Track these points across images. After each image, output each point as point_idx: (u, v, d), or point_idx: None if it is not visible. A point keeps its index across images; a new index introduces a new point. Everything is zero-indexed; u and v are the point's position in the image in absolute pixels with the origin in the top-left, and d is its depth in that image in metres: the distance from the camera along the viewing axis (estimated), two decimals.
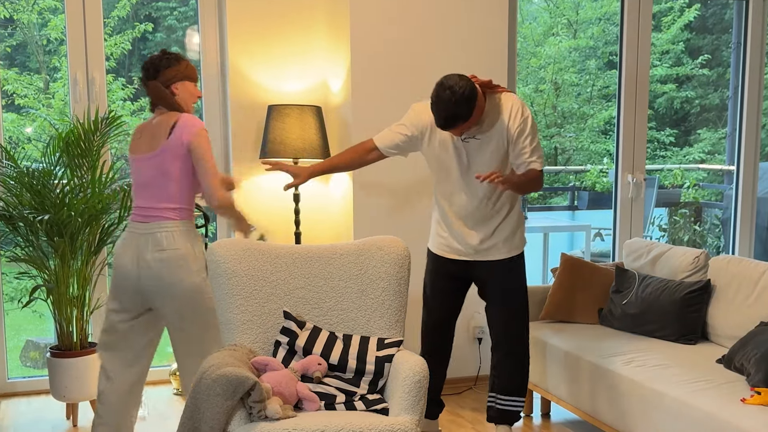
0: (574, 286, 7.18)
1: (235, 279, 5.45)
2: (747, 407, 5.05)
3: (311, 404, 5.05)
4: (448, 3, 7.78)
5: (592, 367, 6.24)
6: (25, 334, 10.49)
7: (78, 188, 6.97)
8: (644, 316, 6.71)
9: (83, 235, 6.94)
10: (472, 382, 8.21)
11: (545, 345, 6.84)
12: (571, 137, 15.83)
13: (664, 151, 14.83)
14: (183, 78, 5.61)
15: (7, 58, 10.78)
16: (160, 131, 5.48)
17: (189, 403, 4.92)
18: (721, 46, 14.52)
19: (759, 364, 5.42)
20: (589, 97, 15.77)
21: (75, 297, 7.01)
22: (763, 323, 5.92)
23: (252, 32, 7.87)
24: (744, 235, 9.35)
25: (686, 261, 6.85)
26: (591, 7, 15.49)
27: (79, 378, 6.96)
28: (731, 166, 9.38)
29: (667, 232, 12.76)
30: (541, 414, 7.33)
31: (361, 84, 7.67)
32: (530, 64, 15.62)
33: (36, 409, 7.48)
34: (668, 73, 14.85)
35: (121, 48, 11.43)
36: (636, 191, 8.92)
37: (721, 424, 5.00)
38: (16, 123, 10.37)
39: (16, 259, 7.03)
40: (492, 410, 6.50)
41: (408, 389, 4.96)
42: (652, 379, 5.70)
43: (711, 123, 14.65)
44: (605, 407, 6.10)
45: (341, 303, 5.63)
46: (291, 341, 5.38)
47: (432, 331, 6.69)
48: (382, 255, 5.69)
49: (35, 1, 10.95)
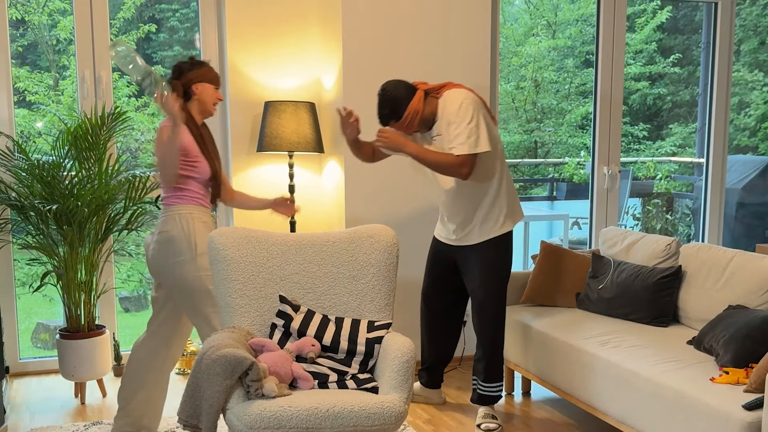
0: (553, 272, 7.18)
1: (233, 265, 5.46)
2: (716, 386, 5.06)
3: (305, 383, 5.05)
4: (434, 6, 7.78)
5: (570, 348, 6.24)
6: (35, 317, 10.47)
7: (85, 179, 6.97)
8: (619, 300, 6.71)
9: (90, 224, 6.95)
10: (457, 362, 8.21)
11: (526, 327, 6.84)
12: (550, 132, 15.82)
13: (638, 145, 14.83)
14: (203, 80, 5.82)
15: (19, 57, 10.76)
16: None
17: (190, 382, 4.93)
18: (692, 46, 14.52)
19: (727, 346, 5.43)
20: (567, 94, 15.77)
21: (83, 282, 7.02)
22: (731, 307, 5.92)
23: (250, 33, 7.87)
24: (713, 223, 9.36)
25: (659, 248, 6.86)
26: (569, 9, 15.48)
27: (87, 358, 6.96)
28: (701, 158, 9.39)
29: (640, 221, 12.77)
30: (521, 392, 7.34)
31: (352, 81, 7.68)
32: (512, 62, 15.61)
33: (46, 387, 7.48)
34: (642, 71, 14.85)
35: None
36: (611, 182, 8.92)
37: (692, 402, 5.01)
38: (27, 118, 10.35)
39: (28, 247, 7.02)
40: (475, 393, 6.62)
41: (396, 369, 4.98)
42: (626, 359, 5.70)
43: (682, 118, 14.65)
44: (582, 386, 6.10)
45: (334, 288, 5.63)
46: (286, 324, 5.39)
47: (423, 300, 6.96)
48: (372, 242, 5.70)
49: (45, 3, 10.93)
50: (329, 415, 4.71)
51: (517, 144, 15.63)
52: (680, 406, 5.10)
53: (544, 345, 6.59)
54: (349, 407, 4.74)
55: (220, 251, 5.45)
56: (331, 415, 4.71)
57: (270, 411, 4.65)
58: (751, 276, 6.03)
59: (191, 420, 4.94)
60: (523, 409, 6.95)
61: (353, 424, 4.75)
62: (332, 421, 4.71)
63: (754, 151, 12.62)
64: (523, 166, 15.66)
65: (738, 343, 5.37)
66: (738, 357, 5.32)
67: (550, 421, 6.70)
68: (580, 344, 6.17)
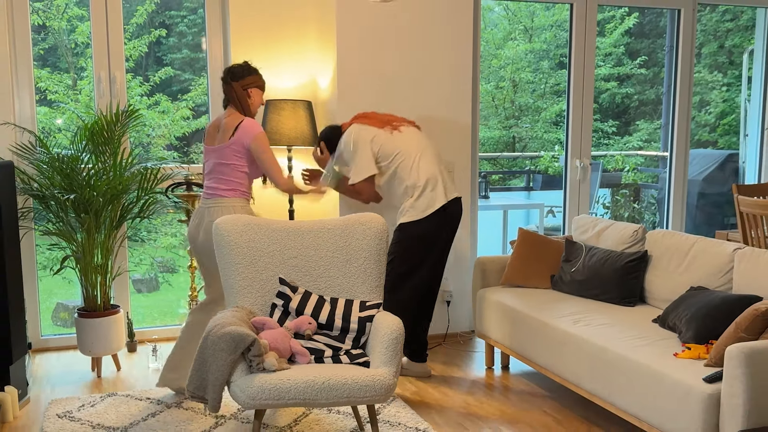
0: (530, 256, 7.18)
1: (237, 250, 5.46)
2: (679, 360, 5.05)
3: (303, 358, 5.05)
4: (421, 13, 7.77)
5: (545, 326, 6.24)
6: (55, 297, 10.46)
7: (101, 171, 6.96)
8: (590, 282, 6.71)
9: (106, 212, 6.94)
10: (442, 338, 8.21)
11: (505, 307, 6.83)
12: (527, 128, 15.81)
13: (607, 140, 14.83)
14: (257, 86, 6.24)
15: (41, 59, 10.73)
16: (226, 129, 6.04)
17: (197, 357, 4.93)
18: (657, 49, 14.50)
19: (689, 324, 5.43)
20: (543, 93, 15.76)
21: (99, 265, 7.01)
22: (692, 288, 5.92)
23: (252, 37, 7.86)
24: (676, 212, 9.36)
25: (626, 234, 6.86)
26: (544, 15, 15.46)
27: (103, 335, 6.96)
28: (665, 152, 9.39)
29: (609, 209, 12.77)
30: (501, 367, 7.33)
31: (345, 82, 7.67)
32: (492, 64, 15.59)
33: (65, 362, 7.46)
34: (611, 73, 14.84)
35: (139, 51, 11.39)
36: (583, 174, 8.91)
37: (657, 375, 5.00)
38: (48, 115, 10.33)
39: (48, 233, 7.02)
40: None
41: (386, 345, 4.99)
42: (596, 336, 5.69)
43: (647, 115, 14.64)
44: (556, 360, 6.10)
45: (329, 271, 5.63)
46: (285, 303, 5.39)
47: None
48: (364, 229, 5.70)
49: (65, 10, 10.90)
50: (325, 387, 4.72)
51: (496, 139, 15.62)
52: (646, 379, 5.10)
53: (521, 323, 6.58)
54: (342, 380, 4.75)
55: (225, 237, 5.47)
56: (327, 388, 4.72)
57: (270, 384, 4.67)
58: (711, 260, 6.03)
59: (198, 392, 4.95)
60: (502, 382, 6.95)
61: (347, 396, 4.76)
62: (327, 393, 4.73)
63: (714, 145, 12.63)
64: (503, 159, 15.66)
65: (699, 321, 5.37)
66: (699, 334, 5.32)
67: (527, 393, 6.70)
68: (554, 322, 6.16)
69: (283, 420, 5.96)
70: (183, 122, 11.37)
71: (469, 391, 6.72)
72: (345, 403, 4.79)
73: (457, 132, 8.07)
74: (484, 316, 7.19)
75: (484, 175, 11.42)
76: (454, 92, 8.02)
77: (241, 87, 6.12)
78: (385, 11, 7.69)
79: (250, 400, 4.68)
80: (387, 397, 4.83)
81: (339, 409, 6.18)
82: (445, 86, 7.99)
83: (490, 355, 7.35)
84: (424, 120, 7.86)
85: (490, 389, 6.78)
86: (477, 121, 8.27)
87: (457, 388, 6.79)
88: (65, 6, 11.02)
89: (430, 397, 6.56)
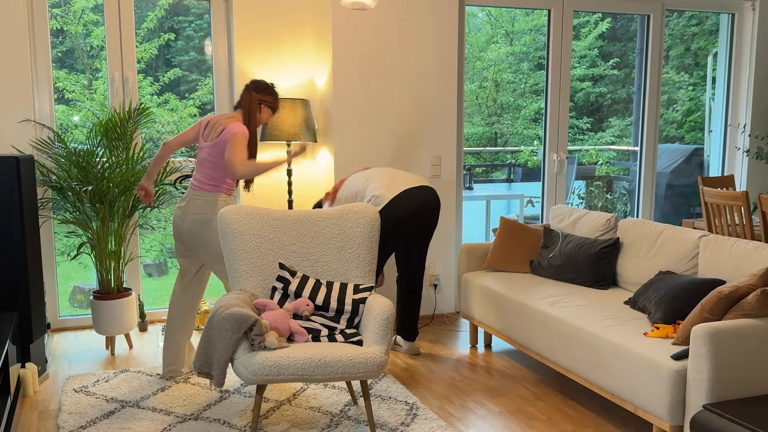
0: (511, 243, 7.17)
1: (240, 237, 5.45)
2: (648, 340, 5.05)
3: (301, 337, 5.05)
4: (410, 18, 7.76)
5: (525, 308, 6.23)
6: (72, 281, 10.44)
7: (115, 165, 6.95)
8: (566, 267, 6.71)
9: (119, 202, 6.93)
10: (429, 319, 8.20)
11: (487, 290, 6.83)
12: (508, 124, 15.81)
13: (582, 135, 14.83)
14: (270, 106, 6.21)
15: (59, 61, 10.70)
16: (217, 129, 5.93)
17: (204, 336, 4.93)
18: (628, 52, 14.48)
19: (658, 305, 5.43)
20: (522, 92, 15.76)
21: (112, 251, 7.00)
22: (661, 272, 5.92)
23: (254, 41, 7.84)
24: (646, 202, 9.35)
25: (600, 223, 6.85)
26: (524, 20, 15.44)
27: (116, 316, 6.95)
28: (636, 147, 9.38)
29: (584, 200, 12.77)
30: (484, 345, 7.32)
31: (340, 82, 7.65)
32: (476, 65, 15.57)
33: (81, 341, 7.45)
34: (585, 73, 14.83)
35: (149, 53, 11.36)
36: (559, 167, 8.91)
37: (628, 354, 5.00)
38: (65, 113, 10.29)
39: (66, 221, 7.01)
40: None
41: (378, 325, 4.99)
42: (572, 317, 5.69)
43: (619, 113, 14.63)
44: (535, 339, 6.10)
45: (325, 256, 5.62)
46: (285, 287, 5.39)
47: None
48: (357, 219, 5.69)
49: (81, 15, 10.87)
50: (321, 364, 4.72)
51: (480, 134, 15.62)
52: (618, 357, 5.10)
53: (503, 305, 6.57)
54: (338, 357, 4.76)
55: (229, 225, 5.47)
56: (323, 364, 4.72)
57: (271, 360, 4.67)
58: (678, 246, 6.03)
59: (204, 368, 4.96)
60: (485, 359, 6.94)
61: (341, 372, 4.75)
62: (323, 369, 4.72)
63: (681, 140, 12.62)
64: (485, 153, 15.66)
65: (667, 303, 5.37)
66: (667, 315, 5.32)
67: (508, 369, 6.70)
68: (533, 304, 6.16)
69: (282, 394, 5.97)
70: (190, 119, 11.35)
71: (454, 368, 6.71)
72: (340, 378, 4.79)
73: (443, 128, 8.06)
74: (469, 299, 7.18)
75: (468, 168, 11.42)
76: (440, 91, 8.01)
77: (258, 100, 6.09)
78: (377, 17, 7.69)
79: (252, 376, 4.67)
80: (378, 373, 4.83)
81: (334, 385, 6.18)
82: (433, 86, 7.98)
83: (473, 335, 7.34)
84: (413, 117, 7.87)
85: (474, 366, 6.77)
86: (462, 118, 8.26)
87: (443, 364, 6.78)
88: (81, 12, 10.99)
89: (419, 373, 6.56)
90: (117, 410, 5.64)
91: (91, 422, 5.41)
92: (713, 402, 4.50)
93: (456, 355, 7.08)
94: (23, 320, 6.15)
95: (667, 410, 4.72)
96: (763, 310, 4.75)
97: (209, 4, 7.94)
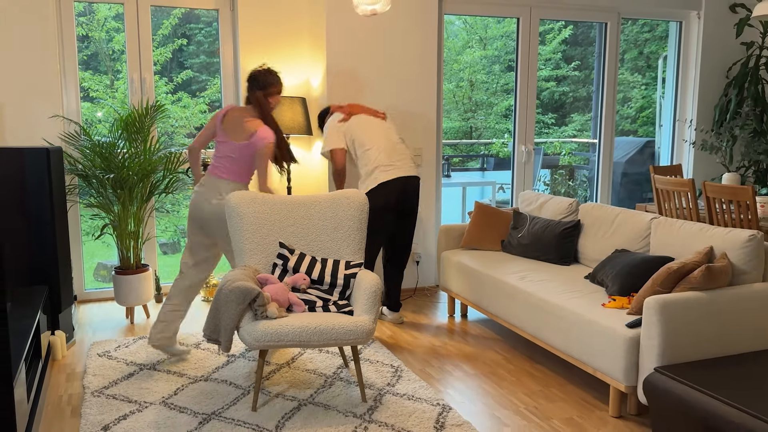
0: (484, 225, 7.16)
1: (245, 219, 5.44)
2: (606, 310, 5.05)
3: (299, 307, 5.04)
4: (396, 26, 7.75)
5: (497, 282, 6.23)
6: (96, 258, 10.40)
7: (134, 155, 6.93)
8: (533, 246, 6.70)
9: (138, 189, 6.91)
10: (412, 292, 8.20)
11: (463, 266, 6.82)
12: (481, 119, 15.77)
13: (548, 129, 14.80)
14: (277, 93, 5.83)
15: (84, 64, 10.66)
16: (245, 131, 5.63)
17: (212, 307, 4.93)
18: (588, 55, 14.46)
19: (614, 280, 5.43)
20: (494, 91, 15.72)
21: (132, 232, 6.98)
22: (617, 251, 5.92)
23: (256, 45, 7.82)
24: (604, 188, 9.35)
25: (563, 207, 6.85)
26: (496, 27, 15.40)
27: (135, 289, 6.94)
28: (594, 139, 9.37)
29: (549, 186, 12.75)
30: (460, 315, 7.32)
31: (333, 82, 7.64)
32: (453, 67, 15.53)
33: (104, 311, 7.43)
34: (550, 74, 14.80)
35: (164, 56, 11.33)
36: (527, 157, 8.89)
37: (588, 322, 5.00)
38: (90, 109, 10.26)
39: (91, 205, 6.99)
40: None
41: (367, 297, 4.99)
42: (538, 290, 5.69)
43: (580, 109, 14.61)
44: (505, 309, 6.09)
45: (320, 236, 5.61)
46: (284, 263, 5.37)
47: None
48: (349, 203, 5.67)
49: (104, 23, 10.86)
50: (316, 331, 4.72)
51: (456, 128, 15.59)
52: (579, 325, 5.10)
53: (477, 279, 6.57)
54: (331, 326, 4.76)
55: (235, 208, 5.46)
56: (318, 332, 4.72)
57: (272, 328, 4.67)
58: (632, 227, 6.02)
59: (213, 335, 4.98)
60: (461, 327, 6.94)
61: (334, 338, 4.75)
62: (318, 336, 4.72)
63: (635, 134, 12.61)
64: (462, 145, 15.62)
65: (622, 277, 5.37)
66: (622, 288, 5.32)
67: (482, 336, 6.69)
68: (504, 278, 6.15)
69: (282, 358, 5.97)
70: (200, 115, 11.34)
71: (434, 335, 6.70)
72: (333, 344, 4.78)
73: (424, 123, 8.04)
74: (447, 274, 7.17)
75: (446, 158, 11.42)
76: (422, 90, 7.99)
77: (264, 96, 5.75)
78: (367, 24, 7.67)
79: (255, 342, 4.67)
80: (367, 339, 4.83)
81: (328, 350, 6.17)
82: (415, 85, 7.96)
83: (451, 306, 7.34)
84: (398, 113, 7.87)
85: (452, 333, 6.77)
86: (441, 114, 8.24)
87: (424, 332, 6.78)
88: (104, 20, 10.96)
89: (403, 339, 6.55)
90: (136, 372, 5.63)
91: (113, 383, 5.41)
92: (663, 365, 4.50)
93: (436, 323, 7.07)
94: (53, 293, 6.14)
95: (623, 372, 4.72)
96: (708, 283, 4.75)
97: (218, 13, 7.92)
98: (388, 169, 6.63)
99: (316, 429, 4.64)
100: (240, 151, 5.66)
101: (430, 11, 7.92)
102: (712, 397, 3.88)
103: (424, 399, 5.13)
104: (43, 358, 5.52)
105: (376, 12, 6.39)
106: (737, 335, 4.77)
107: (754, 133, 8.95)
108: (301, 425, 4.70)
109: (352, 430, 4.63)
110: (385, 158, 6.66)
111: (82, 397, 5.17)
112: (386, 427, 4.67)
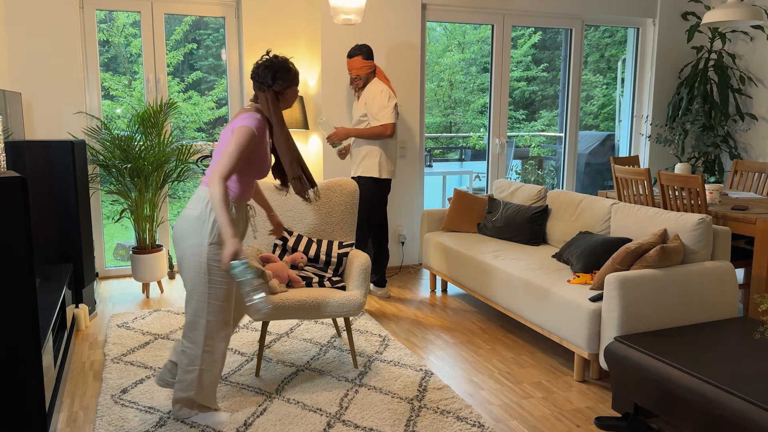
0: (462, 209, 7.15)
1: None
2: (571, 285, 5.05)
3: (297, 283, 5.02)
4: (383, 31, 7.72)
5: (473, 260, 6.22)
6: (116, 239, 10.37)
7: (149, 147, 6.90)
8: (506, 228, 6.69)
9: (153, 177, 6.90)
10: (398, 269, 8.19)
11: (444, 246, 6.81)
12: (460, 115, 15.77)
13: (519, 124, 14.79)
14: (291, 85, 4.02)
15: (105, 66, 10.61)
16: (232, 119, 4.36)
17: None
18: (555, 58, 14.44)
19: (578, 258, 5.43)
20: (471, 90, 15.70)
21: (147, 216, 6.96)
22: (581, 233, 5.92)
23: (259, 48, 7.80)
24: (569, 177, 9.34)
25: (533, 193, 6.84)
26: (473, 33, 15.37)
27: (150, 267, 6.91)
28: (561, 133, 9.35)
29: (520, 175, 12.74)
30: (441, 290, 7.31)
31: (327, 82, 7.60)
32: (435, 69, 15.50)
33: (123, 287, 7.40)
34: (521, 75, 14.78)
35: (177, 59, 11.28)
36: (501, 149, 8.87)
37: (555, 296, 5.00)
38: (110, 106, 10.22)
39: (111, 192, 6.95)
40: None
41: (358, 274, 4.97)
42: (511, 267, 5.68)
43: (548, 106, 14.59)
44: (481, 285, 6.09)
45: (316, 219, 5.59)
46: (284, 243, 5.36)
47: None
48: (342, 190, 5.65)
49: (122, 29, 10.82)
50: (313, 305, 4.71)
51: (438, 123, 15.58)
52: (547, 299, 5.09)
53: (456, 258, 6.56)
54: (326, 300, 4.74)
55: None
56: (314, 305, 4.71)
57: (273, 302, 4.65)
58: (594, 212, 6.02)
59: None
60: (442, 301, 6.93)
61: (329, 311, 4.74)
62: (315, 309, 4.71)
63: (597, 128, 12.60)
64: (442, 138, 15.63)
65: (586, 256, 5.37)
66: (586, 266, 5.32)
67: (460, 309, 6.69)
68: (480, 257, 6.15)
69: (282, 329, 5.95)
70: (209, 111, 11.31)
71: (417, 308, 6.70)
72: (328, 316, 4.77)
73: (409, 118, 8.02)
74: (429, 253, 7.16)
75: (428, 150, 11.39)
76: (406, 89, 7.96)
77: (274, 93, 4.01)
78: (357, 31, 7.64)
79: (258, 314, 4.65)
80: (358, 312, 4.82)
81: (323, 321, 6.16)
82: (400, 85, 7.93)
83: (433, 282, 7.33)
84: None
85: (433, 306, 6.76)
86: (423, 110, 8.21)
87: (408, 305, 6.77)
88: (123, 26, 10.91)
89: (389, 312, 6.54)
90: (151, 341, 5.62)
91: (131, 351, 5.39)
92: (622, 335, 4.50)
93: (419, 298, 7.07)
94: (77, 270, 6.13)
95: (586, 341, 4.73)
96: (662, 262, 4.76)
97: (224, 21, 7.88)
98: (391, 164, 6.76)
99: (313, 392, 4.63)
100: (219, 145, 4.01)
101: (414, 18, 7.89)
102: (666, 364, 3.88)
103: (408, 365, 5.13)
104: (69, 329, 5.50)
105: (351, 22, 6.45)
106: (688, 308, 4.78)
107: (703, 127, 8.95)
108: (299, 389, 4.69)
109: (344, 393, 4.63)
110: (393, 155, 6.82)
111: (103, 364, 5.15)
112: (375, 390, 4.67)
